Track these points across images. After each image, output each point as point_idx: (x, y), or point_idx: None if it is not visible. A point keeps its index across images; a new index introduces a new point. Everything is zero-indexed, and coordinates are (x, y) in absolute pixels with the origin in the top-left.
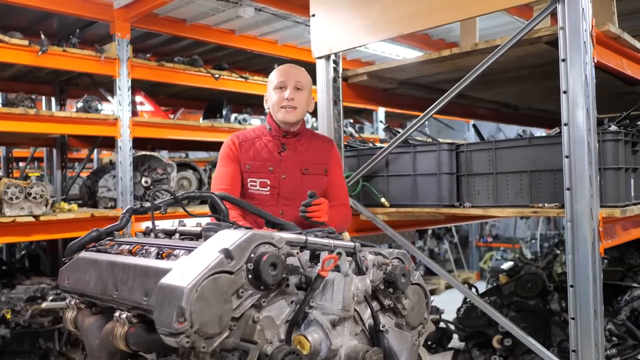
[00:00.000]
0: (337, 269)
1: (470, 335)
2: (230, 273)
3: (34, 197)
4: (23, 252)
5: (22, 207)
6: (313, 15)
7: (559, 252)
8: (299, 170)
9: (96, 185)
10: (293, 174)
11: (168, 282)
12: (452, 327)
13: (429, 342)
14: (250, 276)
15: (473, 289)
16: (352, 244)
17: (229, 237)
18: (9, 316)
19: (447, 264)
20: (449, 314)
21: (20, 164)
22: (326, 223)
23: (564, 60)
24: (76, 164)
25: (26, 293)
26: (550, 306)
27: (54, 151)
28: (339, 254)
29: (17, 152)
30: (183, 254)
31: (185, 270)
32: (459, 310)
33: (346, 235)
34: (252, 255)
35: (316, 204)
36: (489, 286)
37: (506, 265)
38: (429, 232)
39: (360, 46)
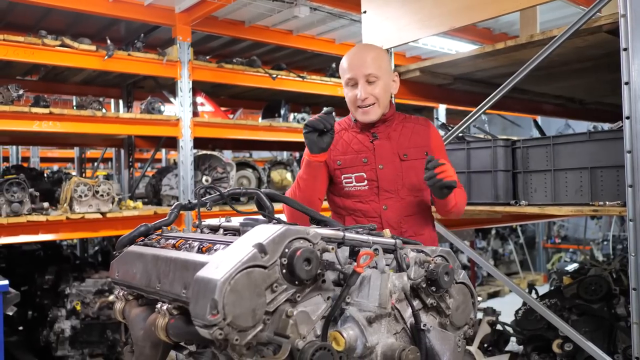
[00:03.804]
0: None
1: (529, 339)
2: (264, 267)
3: (101, 195)
4: (96, 248)
5: (90, 204)
6: (364, 12)
7: None
8: (397, 157)
9: (160, 184)
10: (391, 162)
11: (203, 275)
12: (509, 329)
13: (485, 345)
14: (284, 271)
15: (533, 292)
16: (392, 240)
17: (263, 232)
18: (78, 308)
19: (512, 265)
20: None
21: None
22: (452, 200)
23: (625, 49)
24: (146, 163)
25: (95, 286)
26: (616, 310)
27: (122, 151)
28: (376, 250)
29: (92, 152)
30: (222, 248)
31: (220, 264)
32: (517, 312)
33: (387, 232)
34: (287, 250)
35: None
36: (552, 288)
37: (571, 266)
38: (493, 232)
39: (411, 41)
